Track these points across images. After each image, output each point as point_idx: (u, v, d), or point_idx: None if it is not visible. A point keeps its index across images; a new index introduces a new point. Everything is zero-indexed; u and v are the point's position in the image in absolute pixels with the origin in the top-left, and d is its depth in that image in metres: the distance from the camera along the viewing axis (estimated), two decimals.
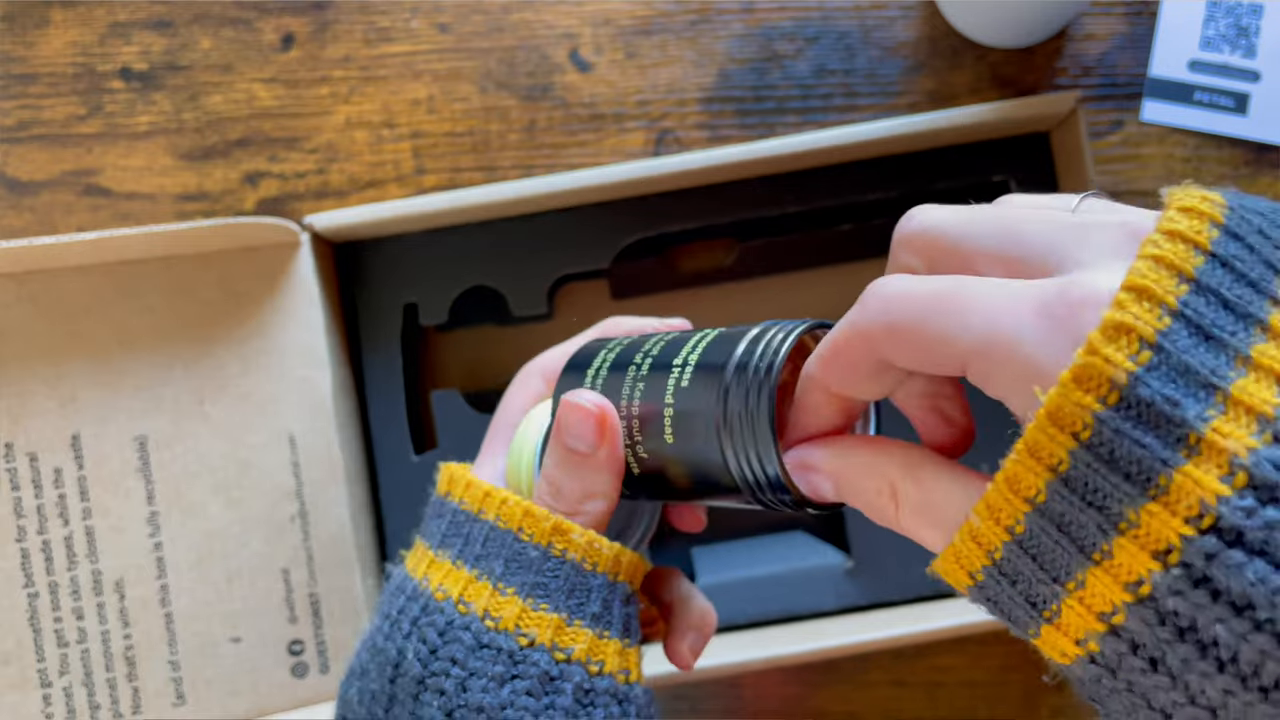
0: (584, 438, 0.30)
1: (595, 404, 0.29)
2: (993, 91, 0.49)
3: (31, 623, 0.41)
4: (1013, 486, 0.20)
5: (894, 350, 0.22)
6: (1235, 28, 0.48)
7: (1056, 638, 0.21)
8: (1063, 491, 0.19)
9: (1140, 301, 0.19)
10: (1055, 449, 0.19)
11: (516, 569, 0.30)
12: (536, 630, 0.29)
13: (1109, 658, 0.20)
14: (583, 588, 0.30)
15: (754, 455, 0.26)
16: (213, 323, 0.44)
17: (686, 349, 0.29)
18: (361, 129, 0.50)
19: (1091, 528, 0.19)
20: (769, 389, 0.26)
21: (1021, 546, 0.20)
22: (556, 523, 0.30)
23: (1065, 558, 0.20)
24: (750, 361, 0.26)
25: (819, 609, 0.47)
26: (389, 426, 0.47)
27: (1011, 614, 0.22)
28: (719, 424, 0.27)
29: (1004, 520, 0.20)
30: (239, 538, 0.44)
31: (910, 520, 0.23)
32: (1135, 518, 0.18)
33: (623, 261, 0.48)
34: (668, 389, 0.28)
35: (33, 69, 0.50)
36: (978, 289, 0.21)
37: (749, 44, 0.50)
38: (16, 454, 0.42)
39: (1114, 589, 0.19)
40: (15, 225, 0.49)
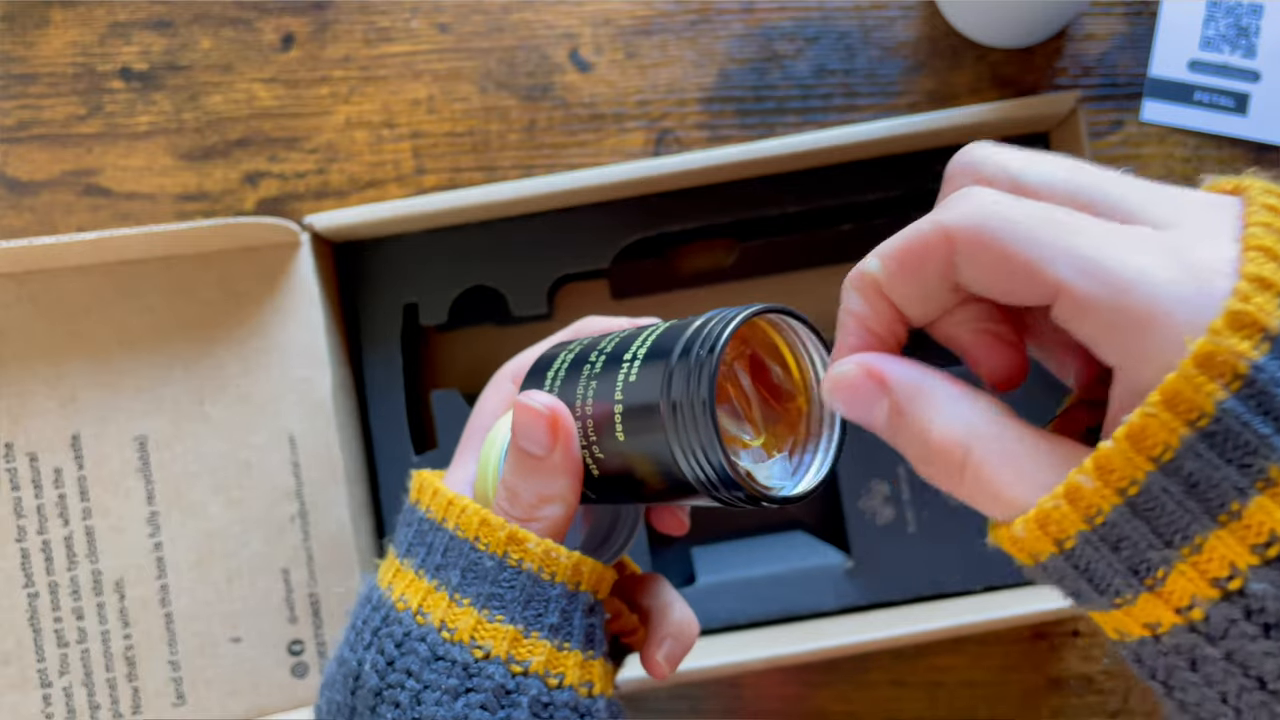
0: (537, 440, 0.29)
1: (546, 405, 0.29)
2: (993, 91, 0.49)
3: (31, 623, 0.41)
4: (1138, 444, 0.19)
5: (975, 259, 0.21)
6: (1235, 28, 0.48)
7: (1152, 607, 0.20)
8: (1200, 448, 0.18)
9: (1272, 261, 0.18)
10: (1201, 400, 0.18)
11: (473, 579, 0.29)
12: (492, 642, 0.28)
13: (1215, 624, 0.19)
14: (540, 598, 0.29)
15: (698, 445, 0.25)
16: (213, 323, 0.44)
17: (636, 343, 0.28)
18: (361, 129, 0.50)
19: (1226, 488, 0.18)
20: (709, 371, 0.25)
21: (1134, 510, 0.19)
22: (511, 531, 0.29)
23: (1186, 521, 0.19)
24: (693, 346, 0.25)
25: (819, 609, 0.47)
26: (389, 426, 0.47)
27: (1101, 583, 0.20)
28: (664, 415, 0.26)
29: (1117, 481, 0.19)
30: (239, 538, 0.44)
31: (988, 468, 0.21)
32: (1276, 474, 0.18)
33: (623, 261, 0.48)
34: (617, 385, 0.27)
35: (33, 69, 0.50)
36: (1081, 220, 0.20)
37: (749, 44, 0.50)
38: (16, 454, 0.42)
39: (1240, 551, 0.18)
40: (15, 225, 0.49)
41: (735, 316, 0.26)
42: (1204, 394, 0.18)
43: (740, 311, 0.26)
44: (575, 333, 0.35)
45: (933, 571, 0.46)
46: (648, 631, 0.34)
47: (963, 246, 0.21)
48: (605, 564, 0.33)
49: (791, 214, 0.47)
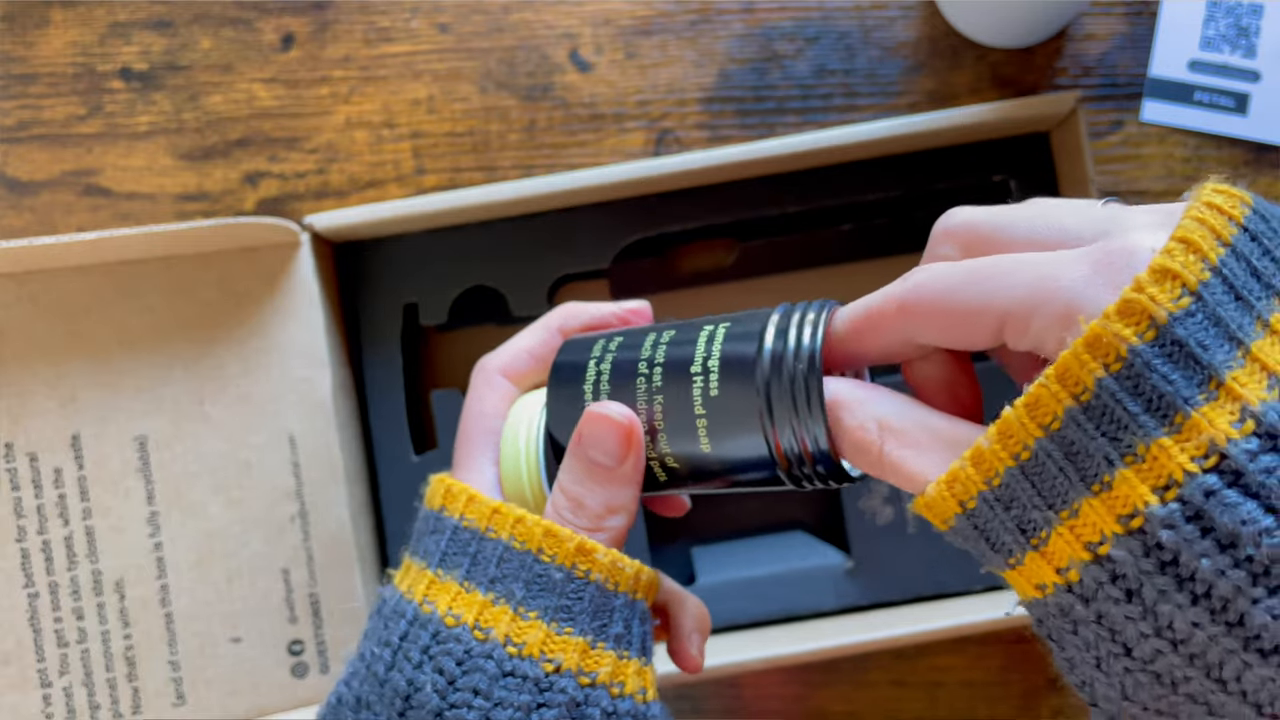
0: (609, 451, 0.29)
1: (625, 417, 0.29)
2: (993, 91, 0.49)
3: (31, 623, 0.41)
4: (1032, 412, 0.21)
5: (927, 321, 0.23)
6: (1235, 28, 0.48)
7: (1039, 566, 0.22)
8: (1080, 419, 0.20)
9: (1187, 253, 0.20)
10: (1084, 376, 0.20)
11: (539, 592, 0.29)
12: (563, 655, 0.28)
13: (1086, 586, 0.21)
14: (606, 609, 0.29)
15: (810, 440, 0.26)
16: (213, 323, 0.44)
17: (700, 352, 0.28)
18: (361, 129, 0.50)
19: (1098, 458, 0.20)
20: (817, 379, 0.26)
21: (1024, 472, 0.21)
22: (580, 543, 0.29)
23: (1065, 486, 0.21)
24: (785, 354, 0.27)
25: (819, 609, 0.47)
26: (389, 426, 0.47)
27: (996, 541, 0.23)
28: (764, 423, 0.27)
29: (1012, 446, 0.21)
30: (239, 538, 0.44)
31: (898, 453, 0.24)
32: (1143, 451, 0.20)
33: (623, 261, 0.48)
34: (694, 399, 0.28)
35: (33, 69, 0.50)
36: (1018, 258, 0.22)
37: (749, 44, 0.50)
38: (16, 454, 0.42)
39: (1107, 519, 0.20)
40: (15, 225, 0.49)
41: (818, 323, 0.27)
42: (1087, 371, 0.20)
43: (820, 312, 0.27)
44: (563, 321, 0.34)
45: (933, 571, 0.46)
46: (671, 627, 0.34)
47: (913, 314, 0.24)
48: None
49: (791, 214, 0.47)
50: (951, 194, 0.47)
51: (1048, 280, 0.21)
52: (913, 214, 0.49)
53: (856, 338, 0.26)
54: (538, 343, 0.34)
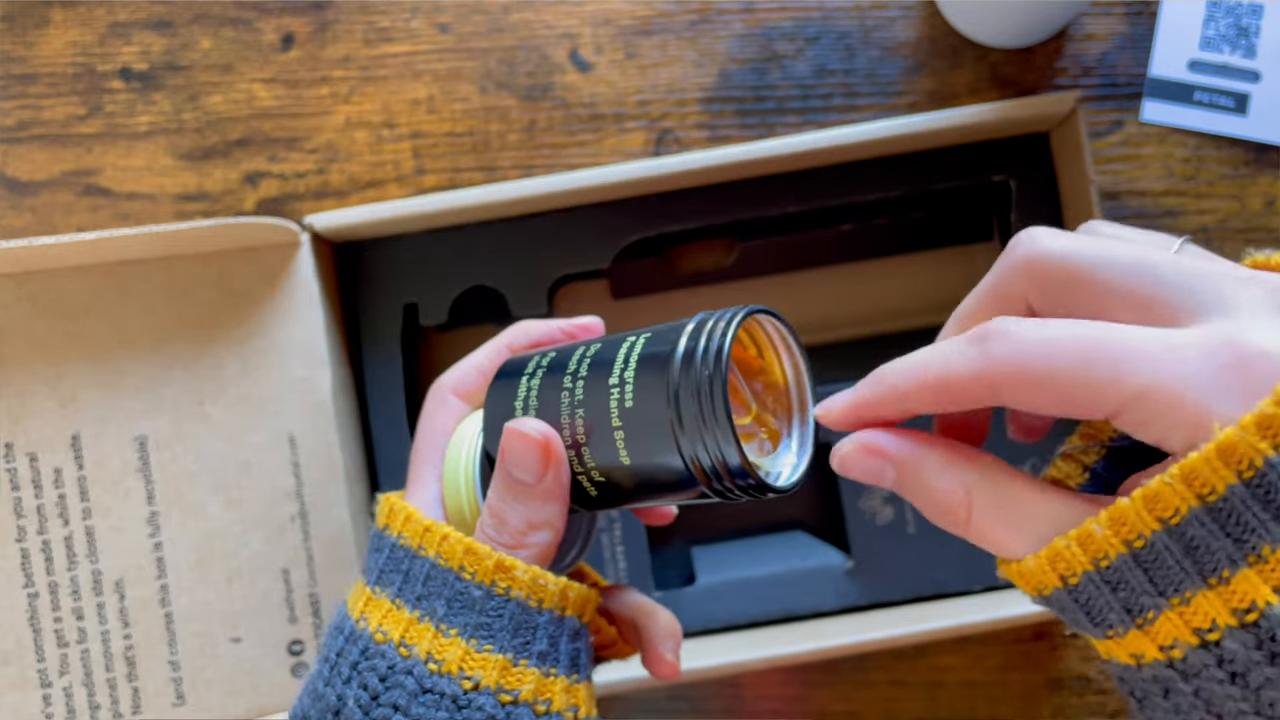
0: (528, 468, 0.29)
1: (540, 432, 0.29)
2: (993, 91, 0.49)
3: (31, 623, 0.41)
4: (1151, 506, 0.21)
5: (1022, 396, 0.23)
6: (1235, 28, 0.48)
7: (1140, 641, 0.22)
8: (1204, 519, 0.21)
9: None
10: (1215, 480, 0.20)
11: (459, 609, 0.29)
12: (481, 672, 0.28)
13: (1190, 665, 0.22)
14: (528, 626, 0.29)
15: (716, 452, 0.26)
16: (212, 323, 0.44)
17: (619, 364, 0.28)
18: (361, 129, 0.50)
19: (1221, 556, 0.21)
20: (721, 383, 0.25)
21: (1136, 560, 0.22)
22: (499, 560, 0.29)
23: (1179, 577, 0.21)
24: (694, 359, 0.26)
25: (819, 609, 0.47)
26: (389, 426, 0.47)
27: (1097, 616, 0.23)
28: (675, 433, 0.26)
29: (1126, 533, 0.22)
30: (239, 538, 0.44)
31: (987, 525, 0.24)
32: (1268, 553, 0.20)
33: (623, 261, 0.48)
34: (611, 410, 0.28)
35: (33, 69, 0.50)
36: (1128, 337, 0.22)
37: (749, 44, 0.50)
38: (16, 454, 0.42)
39: (1222, 611, 0.21)
40: (15, 225, 0.49)
41: (729, 326, 0.26)
42: (1218, 476, 0.20)
43: (729, 317, 0.26)
44: (512, 339, 0.35)
45: (933, 571, 0.46)
46: (642, 638, 0.34)
47: (1006, 389, 0.23)
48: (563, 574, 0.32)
49: (791, 214, 0.47)
50: (951, 194, 0.47)
51: (1175, 380, 0.21)
52: (913, 214, 0.49)
53: (929, 401, 0.24)
54: (487, 361, 0.34)
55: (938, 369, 0.24)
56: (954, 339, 0.24)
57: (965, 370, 0.23)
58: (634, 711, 0.49)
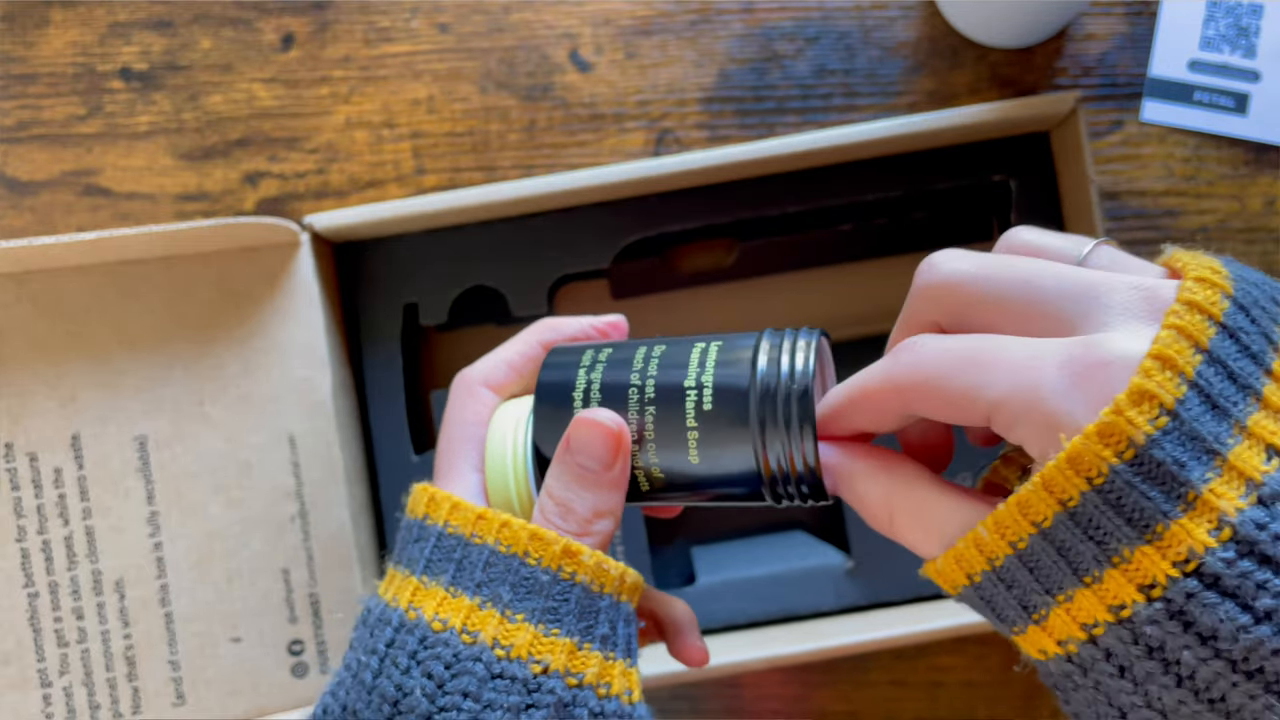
0: (599, 456, 0.29)
1: (615, 423, 0.30)
2: (993, 91, 0.49)
3: (31, 623, 0.41)
4: (1023, 510, 0.23)
5: (921, 402, 0.25)
6: (1235, 28, 0.48)
7: (1040, 637, 0.24)
8: (1068, 524, 0.22)
9: (1163, 370, 0.21)
10: (1069, 489, 0.22)
11: (525, 594, 0.29)
12: (550, 657, 0.28)
13: (1083, 659, 0.23)
14: (591, 610, 0.29)
15: (799, 459, 0.28)
16: (213, 323, 0.44)
17: (694, 368, 0.29)
18: (361, 129, 0.50)
19: (1088, 557, 0.22)
20: (809, 400, 0.27)
21: (1022, 560, 0.23)
22: (566, 544, 0.29)
23: (1059, 576, 0.23)
24: (779, 375, 0.28)
25: (819, 609, 0.47)
26: (389, 426, 0.47)
27: (1001, 613, 0.25)
28: (755, 440, 0.28)
29: (1009, 536, 0.23)
30: (239, 538, 0.44)
31: (904, 528, 0.26)
32: (1129, 555, 0.21)
33: (623, 261, 0.48)
34: (688, 413, 0.29)
35: (33, 69, 0.50)
36: (1003, 347, 0.23)
37: (749, 44, 0.50)
38: (16, 454, 0.42)
39: (1099, 609, 0.22)
40: (15, 225, 0.49)
41: (810, 349, 0.28)
42: (1071, 484, 0.22)
43: (810, 340, 0.29)
44: (542, 335, 0.35)
45: None
46: (667, 628, 0.35)
47: (908, 395, 0.25)
48: None
49: (791, 214, 0.47)
50: (951, 194, 0.47)
51: (1029, 386, 0.22)
52: (913, 214, 0.49)
53: (852, 412, 0.27)
54: (517, 355, 0.35)
55: (859, 382, 0.26)
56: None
57: (876, 381, 0.26)
58: None
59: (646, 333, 0.51)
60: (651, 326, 0.51)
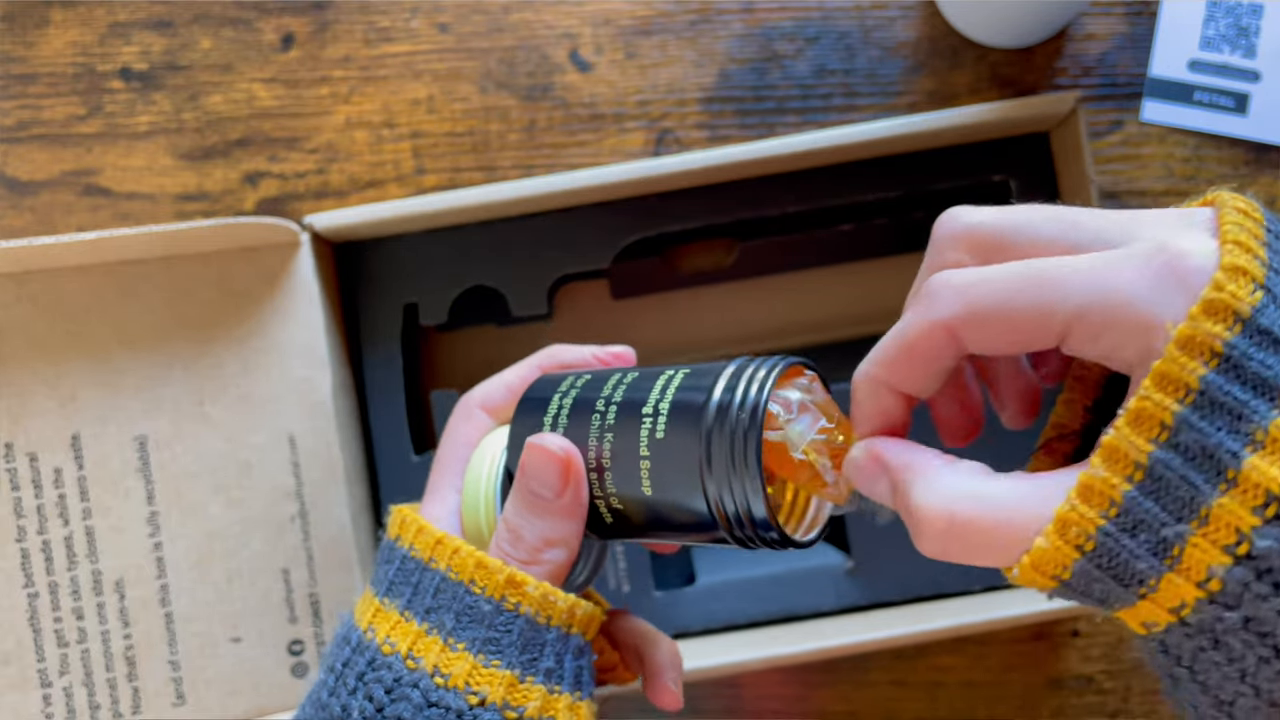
0: (548, 483, 0.29)
1: (562, 449, 0.29)
2: (993, 91, 0.49)
3: (31, 623, 0.41)
4: (1137, 427, 0.21)
5: (982, 333, 0.23)
6: (1235, 28, 0.48)
7: (1176, 586, 0.21)
8: (1192, 420, 0.20)
9: (1245, 252, 0.21)
10: (1187, 377, 0.20)
11: (468, 623, 0.29)
12: (488, 688, 0.28)
13: (1230, 591, 0.20)
14: (536, 643, 0.29)
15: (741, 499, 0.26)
16: (212, 323, 0.44)
17: (654, 395, 0.28)
18: (361, 129, 0.50)
19: (1220, 454, 0.20)
20: (755, 435, 0.25)
21: (1143, 492, 0.21)
22: (510, 575, 0.29)
23: (1189, 493, 0.20)
24: (731, 406, 0.26)
25: (819, 609, 0.47)
26: (389, 426, 0.47)
27: (1126, 574, 0.21)
28: (703, 473, 0.26)
29: (1124, 469, 0.21)
30: (239, 538, 0.44)
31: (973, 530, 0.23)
32: (1263, 437, 0.20)
33: (623, 261, 0.48)
34: (641, 440, 0.28)
35: (33, 69, 0.50)
36: (1064, 262, 0.22)
37: (749, 44, 0.50)
38: (16, 454, 0.42)
39: (1243, 515, 0.20)
40: (15, 225, 0.49)
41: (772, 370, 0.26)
42: (1188, 372, 0.20)
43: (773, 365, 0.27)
44: (543, 360, 0.35)
45: (933, 571, 0.46)
46: (646, 665, 0.34)
47: (963, 329, 0.23)
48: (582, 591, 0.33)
49: (791, 214, 0.47)
50: (951, 194, 0.47)
51: (1111, 290, 0.21)
52: (913, 214, 0.49)
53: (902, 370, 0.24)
54: (517, 379, 0.34)
55: (897, 337, 0.24)
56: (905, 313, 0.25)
57: (920, 326, 0.24)
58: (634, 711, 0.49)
59: (646, 333, 0.51)
60: (651, 326, 0.51)
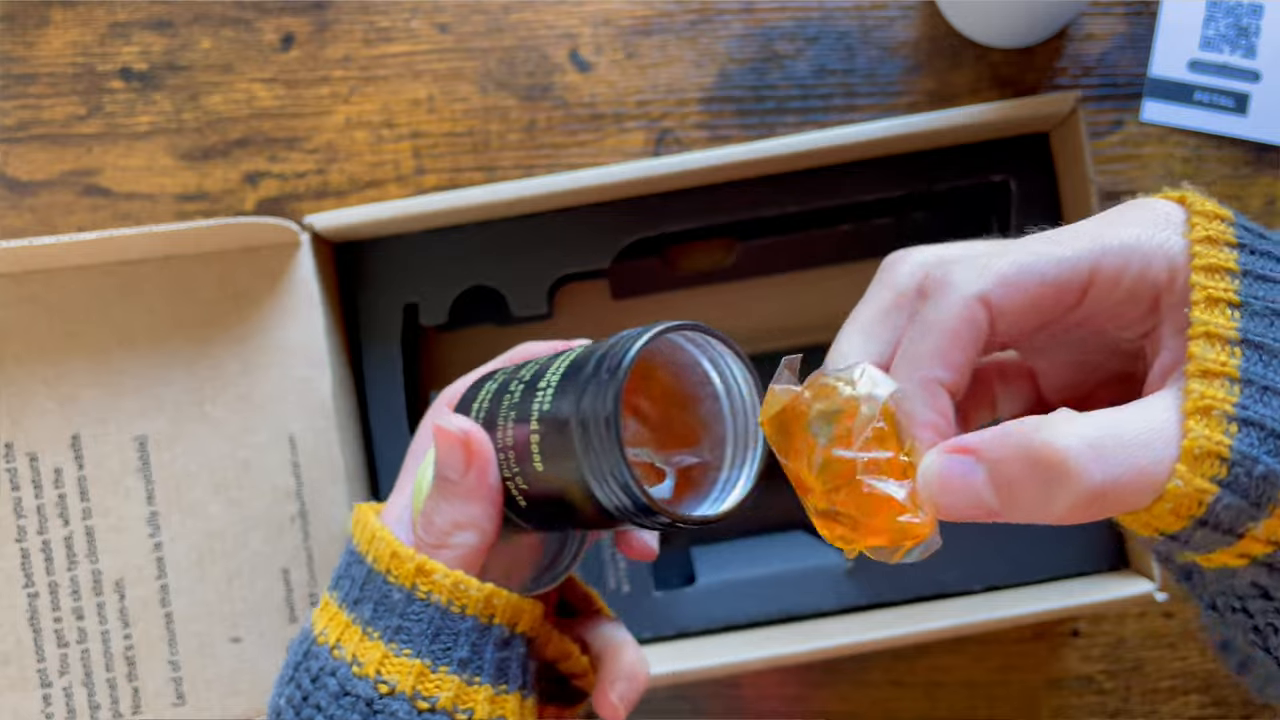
0: (453, 465, 0.29)
1: (460, 428, 0.29)
2: (993, 91, 0.49)
3: (31, 623, 0.41)
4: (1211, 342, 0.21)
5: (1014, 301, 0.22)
6: (1235, 28, 0.48)
7: None
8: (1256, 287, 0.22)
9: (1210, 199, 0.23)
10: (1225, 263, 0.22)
11: (383, 612, 0.29)
12: (397, 677, 0.28)
13: None
14: (449, 631, 0.28)
15: (608, 468, 0.24)
16: (213, 323, 0.44)
17: (552, 369, 0.27)
18: (361, 129, 0.50)
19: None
20: (614, 390, 0.24)
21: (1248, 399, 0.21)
22: (420, 563, 0.29)
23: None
24: (601, 367, 0.25)
25: (819, 609, 0.47)
26: (389, 427, 0.47)
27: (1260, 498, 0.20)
28: (575, 439, 0.25)
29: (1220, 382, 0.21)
30: (239, 538, 0.44)
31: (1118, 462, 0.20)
32: None
33: (623, 261, 0.48)
34: (533, 412, 0.27)
35: (33, 69, 0.50)
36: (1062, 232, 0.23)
37: (749, 44, 0.50)
38: (16, 454, 0.42)
39: None
40: (15, 225, 0.49)
41: (643, 334, 0.25)
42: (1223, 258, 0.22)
43: (650, 329, 0.25)
44: (508, 359, 0.35)
45: (933, 571, 0.46)
46: (599, 672, 0.33)
47: (1001, 300, 0.22)
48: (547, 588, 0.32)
49: (791, 214, 0.47)
50: (951, 194, 0.47)
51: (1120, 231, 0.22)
52: (913, 214, 0.49)
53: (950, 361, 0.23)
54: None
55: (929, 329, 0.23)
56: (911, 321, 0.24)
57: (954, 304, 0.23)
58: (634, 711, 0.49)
59: None
60: None
